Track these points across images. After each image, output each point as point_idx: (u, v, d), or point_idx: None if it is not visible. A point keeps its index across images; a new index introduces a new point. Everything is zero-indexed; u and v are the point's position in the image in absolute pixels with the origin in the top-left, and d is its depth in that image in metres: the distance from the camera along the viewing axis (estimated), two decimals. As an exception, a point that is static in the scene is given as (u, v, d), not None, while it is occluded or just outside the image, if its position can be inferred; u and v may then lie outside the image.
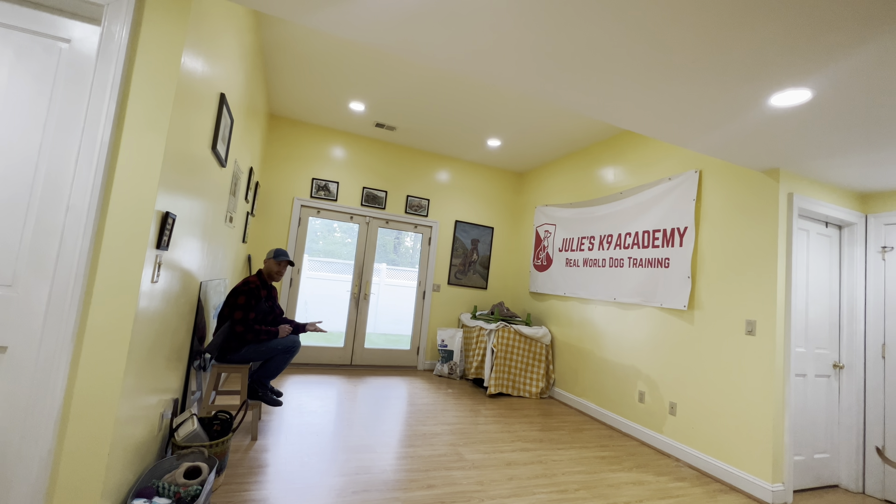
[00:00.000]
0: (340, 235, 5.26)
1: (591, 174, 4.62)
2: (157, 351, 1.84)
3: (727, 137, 2.52)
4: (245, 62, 2.88)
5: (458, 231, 5.70)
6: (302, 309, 5.07)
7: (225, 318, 2.77)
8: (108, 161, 1.50)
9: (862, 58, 1.64)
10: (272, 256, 2.97)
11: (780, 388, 2.74)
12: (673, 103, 2.21)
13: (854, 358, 3.12)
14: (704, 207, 3.30)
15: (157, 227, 1.64)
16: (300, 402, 3.60)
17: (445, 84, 3.65)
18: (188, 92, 1.77)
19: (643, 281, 3.70)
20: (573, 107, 2.40)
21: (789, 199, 2.87)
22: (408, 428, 3.28)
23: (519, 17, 1.68)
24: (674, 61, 1.84)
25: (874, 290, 3.12)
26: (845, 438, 3.09)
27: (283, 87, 4.10)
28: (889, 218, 3.08)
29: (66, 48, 1.50)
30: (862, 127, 2.19)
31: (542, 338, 4.71)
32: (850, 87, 1.86)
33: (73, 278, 1.44)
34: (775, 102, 2.05)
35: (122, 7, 1.52)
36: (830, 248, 3.21)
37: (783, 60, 1.73)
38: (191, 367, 2.46)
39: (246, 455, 2.55)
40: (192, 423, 2.15)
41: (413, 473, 2.53)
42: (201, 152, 2.11)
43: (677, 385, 3.32)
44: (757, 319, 2.85)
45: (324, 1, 1.72)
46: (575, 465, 2.92)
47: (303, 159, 5.00)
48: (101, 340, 1.49)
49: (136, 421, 1.72)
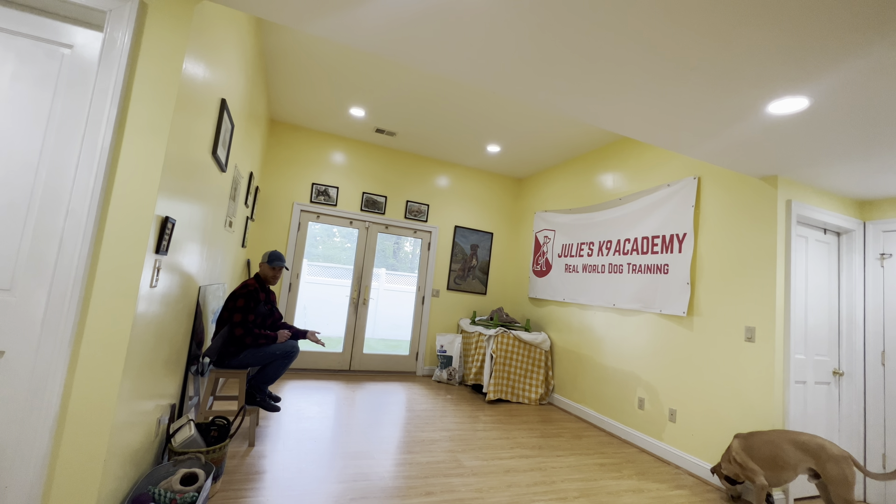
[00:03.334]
0: (340, 240, 5.26)
1: (590, 180, 4.64)
2: (154, 356, 1.84)
3: (725, 144, 2.53)
4: (246, 68, 2.90)
5: (458, 236, 5.70)
6: (301, 314, 5.06)
7: (224, 322, 2.76)
8: (109, 166, 1.51)
9: (858, 67, 1.66)
10: (266, 261, 2.96)
11: (780, 396, 2.73)
12: (671, 110, 2.23)
13: (854, 365, 3.11)
14: (703, 214, 3.31)
15: (156, 231, 1.64)
16: (298, 407, 3.59)
17: (445, 90, 3.67)
18: (189, 97, 1.78)
19: (642, 287, 3.70)
20: (573, 114, 2.42)
21: (788, 205, 2.88)
22: (406, 434, 3.26)
23: (517, 25, 1.70)
24: (671, 69, 1.86)
25: (873, 297, 3.12)
26: (846, 446, 3.07)
27: (284, 92, 4.12)
28: (887, 225, 3.09)
29: (69, 54, 1.51)
30: (859, 135, 2.20)
31: (541, 343, 4.70)
32: (846, 96, 1.87)
33: (72, 283, 1.43)
34: (773, 110, 2.06)
35: (124, 14, 1.53)
36: (829, 255, 3.21)
37: (780, 69, 1.74)
38: (188, 372, 2.45)
39: (243, 461, 2.53)
40: (189, 428, 2.14)
41: (411, 480, 2.52)
42: (202, 157, 2.12)
43: (677, 392, 3.31)
44: (756, 326, 2.84)
45: (325, 8, 1.73)
46: (574, 472, 2.90)
47: (303, 164, 5.02)
48: (99, 345, 1.48)
49: (133, 426, 1.71)
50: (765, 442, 2.51)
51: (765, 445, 2.50)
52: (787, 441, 2.45)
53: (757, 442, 2.54)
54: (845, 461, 2.29)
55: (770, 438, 2.51)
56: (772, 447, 2.47)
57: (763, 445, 2.51)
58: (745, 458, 2.54)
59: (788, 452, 2.42)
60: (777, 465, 2.43)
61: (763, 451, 2.49)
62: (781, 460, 2.42)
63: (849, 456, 2.31)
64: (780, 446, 2.45)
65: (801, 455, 2.40)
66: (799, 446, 2.41)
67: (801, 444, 2.41)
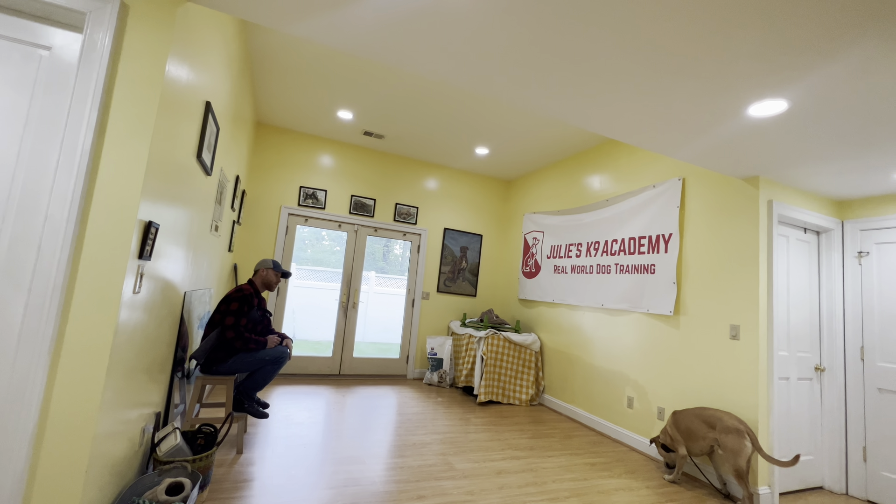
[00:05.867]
0: (329, 243, 5.23)
1: (577, 182, 4.68)
2: (138, 364, 1.80)
3: (708, 146, 2.58)
4: (232, 70, 2.87)
5: (447, 238, 5.71)
6: (290, 318, 5.01)
7: (215, 325, 2.72)
8: (89, 170, 1.48)
9: (833, 71, 1.71)
10: (271, 267, 3.05)
11: (765, 392, 2.78)
12: (654, 112, 2.26)
13: (834, 361, 3.19)
14: (688, 214, 3.37)
15: (139, 236, 1.61)
16: (287, 413, 3.54)
17: (433, 93, 3.68)
18: (173, 100, 1.75)
19: (630, 287, 3.74)
20: (558, 117, 2.44)
21: (769, 205, 2.95)
22: (397, 438, 3.24)
23: (501, 27, 1.71)
24: (656, 73, 1.89)
25: (852, 294, 3.20)
26: (828, 440, 3.15)
27: (271, 95, 4.08)
28: (864, 224, 3.18)
29: (47, 55, 1.48)
30: (835, 137, 2.27)
31: (531, 345, 4.72)
32: (822, 99, 1.92)
33: (51, 290, 1.40)
34: (753, 112, 2.11)
35: (105, 15, 1.50)
36: (809, 254, 3.29)
37: (759, 72, 1.78)
38: (174, 380, 2.41)
39: (231, 469, 2.49)
40: (174, 437, 2.10)
41: (402, 485, 2.50)
42: (186, 161, 2.09)
43: (665, 390, 3.35)
44: (741, 324, 2.90)
45: (310, 11, 1.72)
46: (565, 472, 2.92)
47: (290, 167, 4.97)
48: (80, 354, 1.45)
49: (116, 436, 1.67)
50: (686, 416, 2.87)
51: (685, 419, 2.87)
52: (697, 416, 2.80)
53: (682, 417, 2.90)
54: (739, 433, 2.58)
55: (690, 414, 2.86)
56: (689, 421, 2.84)
57: (684, 419, 2.87)
58: (674, 430, 2.93)
59: (699, 426, 2.77)
60: (692, 437, 2.80)
61: (684, 425, 2.86)
62: (694, 433, 2.79)
63: (744, 429, 2.58)
64: (694, 421, 2.81)
65: (706, 428, 2.73)
66: (705, 420, 2.75)
67: (706, 418, 2.75)
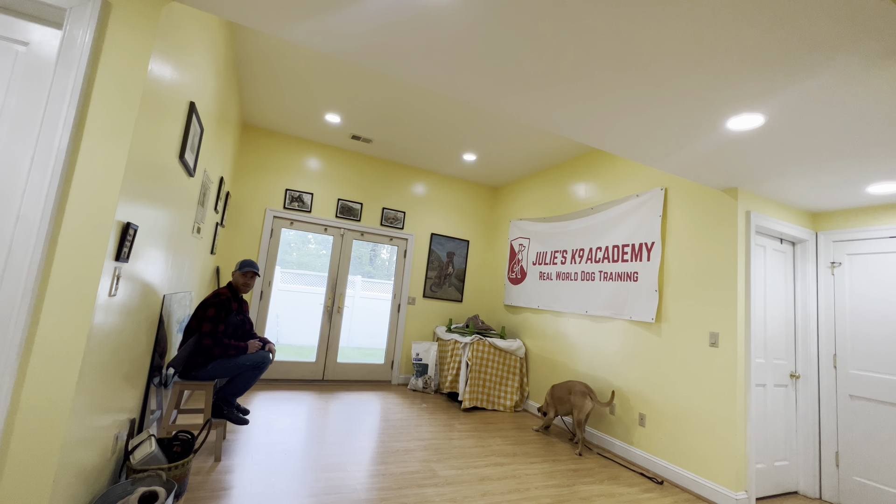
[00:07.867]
0: (315, 247, 5.17)
1: (563, 189, 4.75)
2: (113, 369, 1.75)
3: (689, 158, 2.65)
4: (217, 71, 2.84)
5: (434, 244, 5.71)
6: (273, 322, 4.93)
7: (193, 332, 2.66)
8: (66, 169, 1.44)
9: (808, 87, 1.77)
10: (237, 268, 2.93)
11: (743, 398, 2.84)
12: (636, 124, 2.31)
13: (808, 368, 3.28)
14: (670, 223, 3.44)
15: (116, 237, 1.57)
16: (268, 419, 3.48)
17: (421, 98, 3.70)
18: (155, 99, 1.72)
19: (613, 294, 3.80)
20: (546, 127, 2.47)
21: (747, 216, 3.03)
22: (380, 444, 3.21)
23: (488, 38, 1.73)
24: (636, 85, 1.93)
25: (825, 304, 3.31)
26: (802, 446, 3.23)
27: (258, 97, 4.04)
28: (837, 235, 3.29)
29: (24, 51, 1.44)
30: (809, 151, 2.35)
31: (516, 350, 4.74)
32: (797, 114, 1.99)
33: (21, 292, 1.35)
34: (731, 126, 2.18)
35: (85, 12, 1.47)
36: (785, 264, 3.39)
37: (735, 88, 1.84)
38: (150, 385, 2.34)
39: (208, 477, 2.42)
40: (149, 444, 2.04)
41: (384, 492, 2.47)
42: (168, 161, 2.05)
43: (646, 397, 3.39)
44: (720, 332, 2.96)
45: (298, 15, 1.72)
46: (548, 478, 2.92)
47: (276, 170, 4.92)
48: (51, 358, 1.40)
49: (87, 444, 1.61)
50: (557, 388, 3.84)
51: (556, 390, 3.85)
52: (563, 387, 3.76)
53: (555, 389, 3.86)
54: (583, 394, 3.54)
55: (559, 386, 3.82)
56: (559, 391, 3.81)
57: (556, 390, 3.85)
58: (550, 398, 3.92)
59: (563, 393, 3.74)
60: (560, 402, 3.77)
61: (557, 395, 3.83)
62: (561, 399, 3.75)
63: (587, 391, 3.55)
64: (562, 390, 3.77)
65: (566, 394, 3.69)
66: (568, 389, 3.69)
67: (569, 388, 3.69)
